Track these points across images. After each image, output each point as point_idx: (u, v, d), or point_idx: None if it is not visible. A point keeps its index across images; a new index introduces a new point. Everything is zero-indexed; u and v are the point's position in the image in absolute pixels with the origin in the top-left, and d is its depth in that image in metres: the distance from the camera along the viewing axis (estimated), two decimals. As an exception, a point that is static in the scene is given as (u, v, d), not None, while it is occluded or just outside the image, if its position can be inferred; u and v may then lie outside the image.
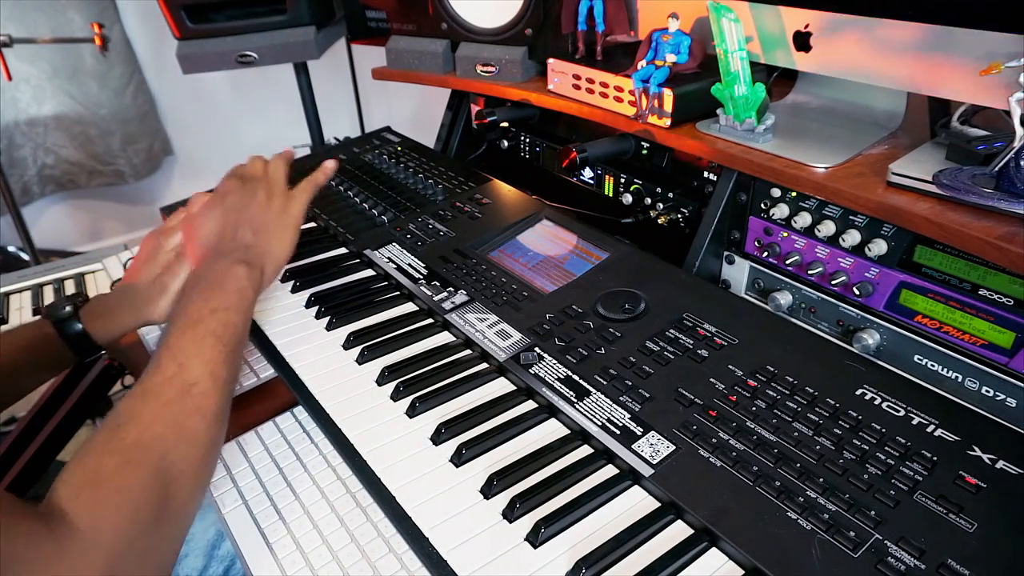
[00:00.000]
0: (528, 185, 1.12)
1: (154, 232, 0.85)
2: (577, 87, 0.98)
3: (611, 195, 1.05)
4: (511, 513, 0.56)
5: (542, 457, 0.61)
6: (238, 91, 2.91)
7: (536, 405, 0.68)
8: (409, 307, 0.86)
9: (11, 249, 2.61)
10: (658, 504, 0.57)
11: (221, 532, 0.73)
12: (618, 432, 0.62)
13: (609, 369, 0.68)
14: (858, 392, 0.62)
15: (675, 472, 0.57)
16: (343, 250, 0.99)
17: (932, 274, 0.69)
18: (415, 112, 2.70)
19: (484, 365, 0.74)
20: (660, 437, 0.60)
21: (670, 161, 0.95)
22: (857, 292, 0.74)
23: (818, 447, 0.57)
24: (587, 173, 1.08)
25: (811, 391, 0.62)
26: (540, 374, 0.69)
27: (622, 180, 1.02)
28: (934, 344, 0.70)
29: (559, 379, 0.68)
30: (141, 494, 0.53)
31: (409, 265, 0.91)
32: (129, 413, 0.56)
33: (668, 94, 0.86)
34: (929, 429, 0.58)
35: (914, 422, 0.58)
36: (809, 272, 0.79)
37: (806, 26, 0.78)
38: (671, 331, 0.72)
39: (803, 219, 0.78)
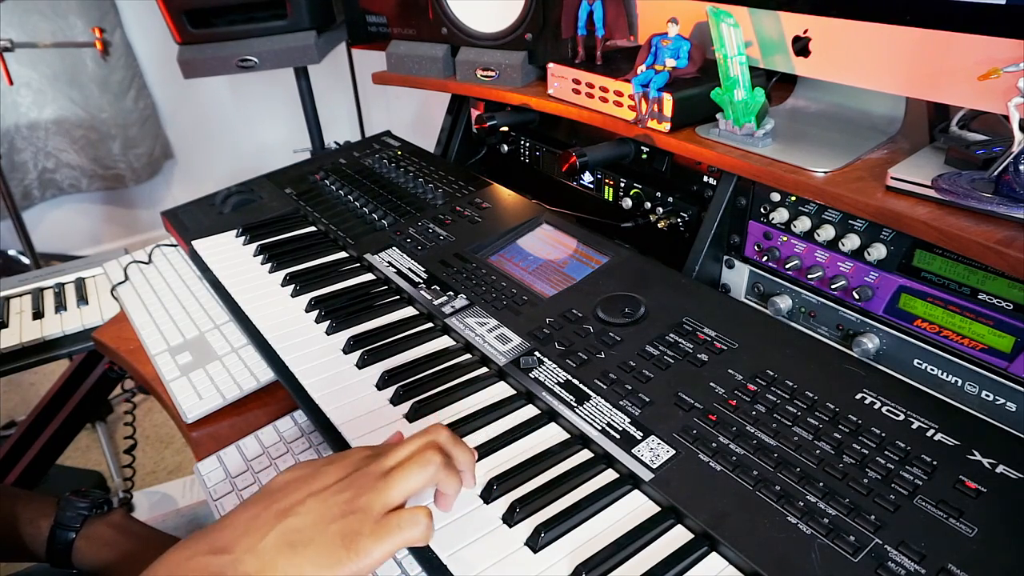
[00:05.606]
0: (528, 189, 1.12)
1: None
2: (577, 91, 0.98)
3: (611, 199, 1.05)
4: (511, 518, 0.56)
5: (542, 461, 0.61)
6: (239, 96, 2.92)
7: (536, 410, 0.68)
8: (409, 311, 0.86)
9: (11, 253, 2.62)
10: (658, 508, 0.57)
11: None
12: (618, 436, 0.62)
13: (609, 373, 0.68)
14: (858, 396, 0.62)
15: (675, 476, 0.57)
16: (343, 254, 1.00)
17: (931, 278, 0.69)
18: (415, 116, 2.71)
19: (484, 369, 0.74)
20: (660, 441, 0.60)
21: (670, 165, 0.95)
22: (856, 296, 0.74)
23: (818, 451, 0.57)
24: (587, 177, 1.09)
25: (811, 395, 0.62)
26: (540, 378, 0.70)
27: (622, 184, 1.02)
28: (934, 348, 0.70)
29: (559, 383, 0.68)
30: None
31: (409, 269, 0.91)
32: None
33: (668, 99, 0.86)
34: (929, 433, 0.57)
35: (914, 426, 0.58)
36: (809, 276, 0.79)
37: (805, 31, 0.78)
38: (671, 335, 0.72)
39: (802, 223, 0.78)
